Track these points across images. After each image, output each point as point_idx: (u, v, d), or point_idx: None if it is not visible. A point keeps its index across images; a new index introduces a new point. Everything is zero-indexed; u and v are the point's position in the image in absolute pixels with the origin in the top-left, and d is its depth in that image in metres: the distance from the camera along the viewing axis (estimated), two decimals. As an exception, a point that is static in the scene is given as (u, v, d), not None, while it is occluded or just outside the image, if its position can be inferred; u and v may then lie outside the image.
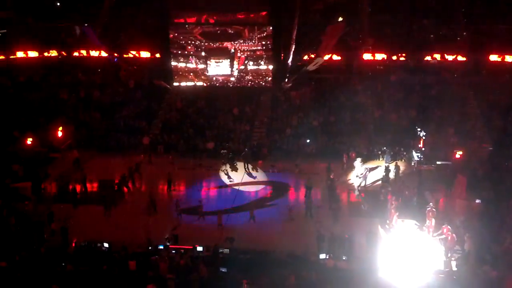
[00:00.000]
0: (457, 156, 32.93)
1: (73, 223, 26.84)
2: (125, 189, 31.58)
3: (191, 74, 39.47)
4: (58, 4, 48.34)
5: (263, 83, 39.48)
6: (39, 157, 35.32)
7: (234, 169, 34.91)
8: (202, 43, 38.28)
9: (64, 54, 43.96)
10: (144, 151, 36.96)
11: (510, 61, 39.15)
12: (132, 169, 32.72)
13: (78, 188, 31.57)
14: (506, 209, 27.39)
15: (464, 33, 41.06)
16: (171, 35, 38.58)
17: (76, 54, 43.97)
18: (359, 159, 33.83)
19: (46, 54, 43.93)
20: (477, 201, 28.78)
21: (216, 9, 37.78)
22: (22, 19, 46.83)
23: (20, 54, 43.61)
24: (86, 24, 44.41)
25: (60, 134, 36.95)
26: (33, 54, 43.78)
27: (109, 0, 42.04)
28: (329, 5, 45.40)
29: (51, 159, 36.00)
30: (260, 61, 38.63)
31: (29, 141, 35.95)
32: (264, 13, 37.86)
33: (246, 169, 34.90)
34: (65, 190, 31.91)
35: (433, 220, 25.59)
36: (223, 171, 34.94)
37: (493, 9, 41.53)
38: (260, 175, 34.43)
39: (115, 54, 42.37)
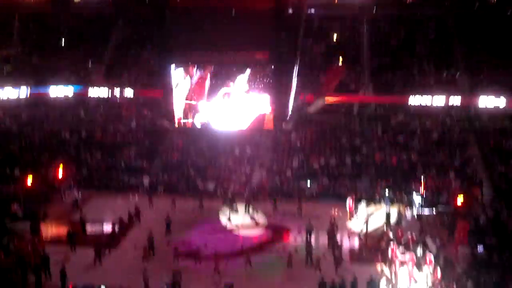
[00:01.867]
0: (459, 201, 32.74)
1: (70, 265, 26.60)
2: (123, 231, 31.32)
3: (193, 113, 39.52)
4: (63, 41, 49.23)
5: (264, 124, 39.50)
6: (39, 197, 35.15)
7: (235, 211, 34.71)
8: (204, 82, 38.44)
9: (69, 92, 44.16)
10: (144, 191, 36.91)
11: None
12: (131, 214, 32.53)
13: (76, 229, 31.29)
14: (509, 256, 27.14)
15: (464, 77, 41.43)
16: (173, 74, 38.79)
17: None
18: (360, 203, 33.63)
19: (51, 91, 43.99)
20: (480, 247, 28.55)
21: (218, 48, 38.04)
22: (26, 55, 47.65)
23: (24, 91, 43.62)
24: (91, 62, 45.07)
25: (60, 173, 36.87)
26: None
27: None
28: (330, 47, 46.09)
29: (50, 199, 35.88)
30: (261, 101, 38.69)
31: (29, 179, 35.84)
32: (265, 53, 38.13)
33: (247, 211, 34.73)
34: (63, 230, 31.64)
35: (437, 268, 25.37)
36: (223, 213, 34.75)
37: (493, 54, 42.14)
38: (260, 218, 34.21)
39: (118, 93, 42.61)
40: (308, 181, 37.49)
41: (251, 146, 41.06)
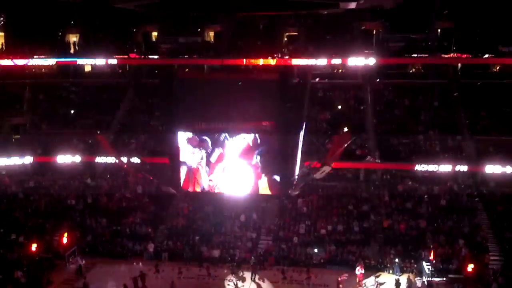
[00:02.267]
0: (469, 269, 32.20)
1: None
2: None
3: (199, 179, 39.53)
4: (71, 110, 50.10)
5: (270, 190, 39.41)
6: (43, 264, 34.76)
7: (241, 279, 34.06)
8: (209, 150, 38.69)
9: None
10: (149, 258, 36.46)
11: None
12: (136, 280, 32.00)
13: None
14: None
15: (470, 144, 41.65)
16: (180, 141, 39.10)
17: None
18: (369, 271, 33.03)
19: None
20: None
21: (224, 118, 38.49)
22: (36, 125, 48.40)
23: (28, 159, 43.93)
24: (98, 132, 45.53)
25: (65, 239, 36.67)
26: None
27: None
28: (336, 115, 46.70)
29: (54, 265, 35.43)
30: (267, 168, 38.78)
31: (33, 246, 35.63)
32: (271, 121, 38.57)
33: (253, 279, 34.08)
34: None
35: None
36: (229, 281, 34.10)
37: (498, 121, 42.65)
38: (266, 287, 33.50)
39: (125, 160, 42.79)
40: (315, 248, 36.98)
41: (257, 211, 40.76)
